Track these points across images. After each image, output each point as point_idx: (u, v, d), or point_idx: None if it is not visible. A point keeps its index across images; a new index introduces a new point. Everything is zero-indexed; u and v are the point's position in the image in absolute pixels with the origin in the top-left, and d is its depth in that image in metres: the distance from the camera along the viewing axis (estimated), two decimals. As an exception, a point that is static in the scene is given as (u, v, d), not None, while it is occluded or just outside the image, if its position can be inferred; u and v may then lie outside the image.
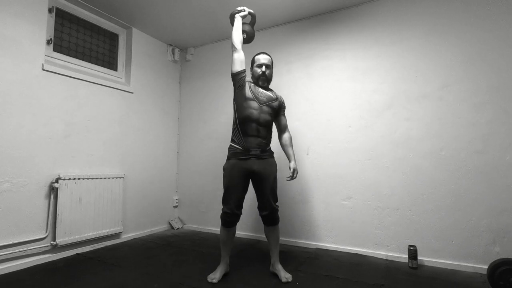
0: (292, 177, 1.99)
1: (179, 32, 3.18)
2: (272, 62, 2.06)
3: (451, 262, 2.12)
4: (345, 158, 2.57)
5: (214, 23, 2.96)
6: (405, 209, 2.30)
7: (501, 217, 2.01)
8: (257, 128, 1.90)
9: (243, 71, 1.98)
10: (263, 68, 1.98)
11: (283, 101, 2.10)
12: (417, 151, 2.29)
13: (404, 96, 2.37)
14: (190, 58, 3.59)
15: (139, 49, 3.12)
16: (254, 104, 1.92)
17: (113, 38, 3.01)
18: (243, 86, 1.96)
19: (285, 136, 2.10)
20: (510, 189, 1.99)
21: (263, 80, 1.99)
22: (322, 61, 2.74)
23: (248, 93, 1.94)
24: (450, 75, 2.23)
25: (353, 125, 2.55)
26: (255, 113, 1.90)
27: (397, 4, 2.45)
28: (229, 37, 3.29)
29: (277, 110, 2.03)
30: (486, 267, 1.91)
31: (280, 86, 2.82)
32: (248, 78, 2.07)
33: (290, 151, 2.05)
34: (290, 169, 1.99)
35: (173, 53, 3.52)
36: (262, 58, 2.00)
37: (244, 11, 2.08)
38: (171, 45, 3.51)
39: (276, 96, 2.04)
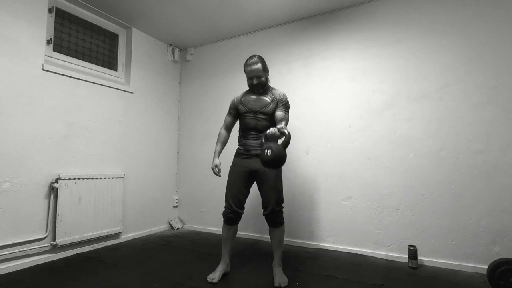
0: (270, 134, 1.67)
1: (179, 32, 3.18)
2: (262, 68, 1.95)
3: (451, 262, 2.12)
4: (345, 158, 2.57)
5: (214, 23, 2.96)
6: (405, 209, 2.30)
7: (501, 217, 2.01)
8: (256, 134, 1.97)
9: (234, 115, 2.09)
10: (254, 81, 1.96)
11: (281, 98, 1.95)
12: (417, 151, 2.29)
13: (404, 96, 2.37)
14: (190, 58, 3.59)
15: (139, 49, 3.12)
16: (250, 115, 1.99)
17: (113, 38, 3.01)
18: (239, 105, 2.05)
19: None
20: (510, 189, 1.99)
21: (258, 89, 2.00)
22: (322, 61, 2.74)
23: (242, 109, 2.02)
24: (450, 75, 2.23)
25: (353, 125, 2.55)
26: (252, 122, 1.98)
27: (397, 4, 2.45)
28: (228, 37, 3.29)
29: (273, 112, 1.96)
30: (486, 267, 1.90)
31: (280, 86, 2.82)
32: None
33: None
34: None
35: (173, 53, 3.52)
36: (250, 71, 1.93)
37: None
38: (171, 45, 3.51)
39: (272, 97, 1.98)
